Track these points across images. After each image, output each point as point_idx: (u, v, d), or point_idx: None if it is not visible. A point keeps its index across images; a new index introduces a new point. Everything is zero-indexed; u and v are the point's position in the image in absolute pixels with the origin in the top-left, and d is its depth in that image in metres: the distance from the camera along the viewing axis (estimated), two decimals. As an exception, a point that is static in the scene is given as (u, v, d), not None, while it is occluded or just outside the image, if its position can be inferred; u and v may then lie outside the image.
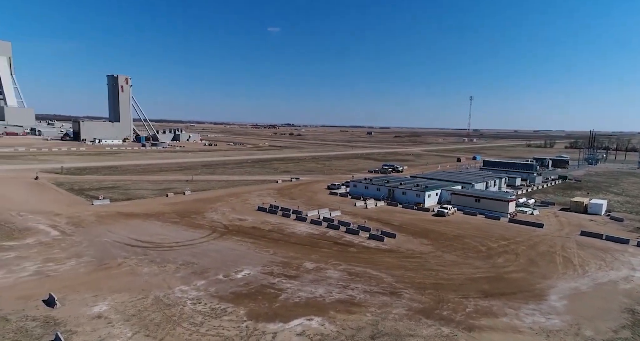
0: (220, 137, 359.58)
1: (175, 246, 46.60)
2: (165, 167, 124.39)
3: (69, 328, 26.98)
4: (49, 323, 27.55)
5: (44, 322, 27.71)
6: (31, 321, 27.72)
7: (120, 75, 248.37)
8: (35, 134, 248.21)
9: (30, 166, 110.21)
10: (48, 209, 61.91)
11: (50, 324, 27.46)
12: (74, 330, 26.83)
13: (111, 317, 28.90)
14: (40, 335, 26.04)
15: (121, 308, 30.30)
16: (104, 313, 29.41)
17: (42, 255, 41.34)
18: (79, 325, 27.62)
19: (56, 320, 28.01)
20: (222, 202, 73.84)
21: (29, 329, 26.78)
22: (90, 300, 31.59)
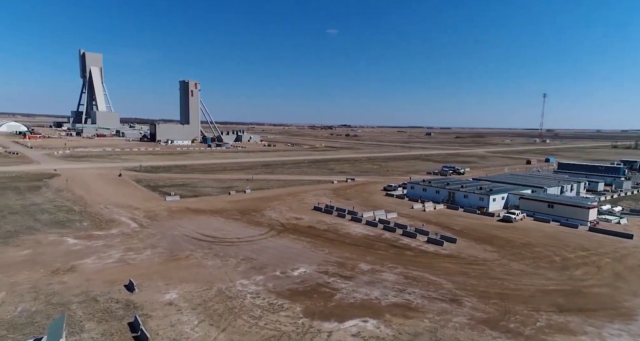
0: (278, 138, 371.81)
1: (237, 242, 49.09)
2: (228, 166, 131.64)
3: (145, 312, 29.74)
4: (129, 306, 30.63)
5: (124, 305, 30.87)
6: (115, 303, 31.05)
7: (191, 80, 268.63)
8: (120, 135, 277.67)
9: (115, 164, 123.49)
10: (129, 203, 68.79)
11: (130, 307, 30.52)
12: (149, 314, 29.52)
13: (180, 305, 31.31)
14: (122, 316, 29.04)
15: (189, 297, 32.69)
16: (174, 301, 31.95)
17: (124, 245, 46.05)
18: (153, 310, 30.33)
19: (135, 304, 31.05)
20: (280, 201, 76.21)
21: (113, 310, 30.02)
22: (163, 287, 34.51)
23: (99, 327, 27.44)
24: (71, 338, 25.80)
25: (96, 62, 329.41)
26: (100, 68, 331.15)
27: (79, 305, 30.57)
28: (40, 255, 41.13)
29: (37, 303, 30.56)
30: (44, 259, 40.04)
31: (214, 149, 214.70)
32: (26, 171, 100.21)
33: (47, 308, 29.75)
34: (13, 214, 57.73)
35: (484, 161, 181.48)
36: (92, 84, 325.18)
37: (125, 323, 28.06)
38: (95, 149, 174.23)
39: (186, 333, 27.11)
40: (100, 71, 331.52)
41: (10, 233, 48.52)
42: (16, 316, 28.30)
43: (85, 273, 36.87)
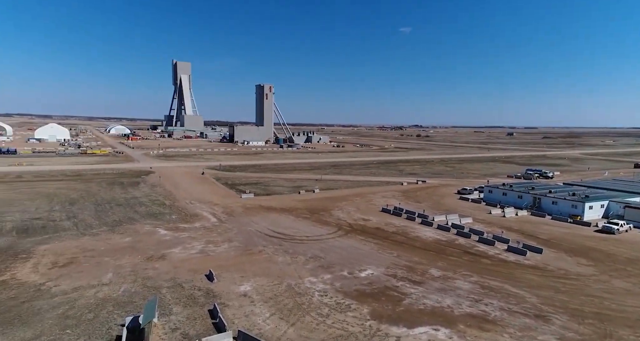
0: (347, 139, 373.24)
1: (306, 240, 50.44)
2: (298, 166, 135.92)
3: (222, 301, 32.10)
4: (209, 295, 33.34)
5: (205, 293, 33.68)
6: (197, 291, 34.05)
7: (266, 84, 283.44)
8: (203, 137, 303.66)
9: (198, 163, 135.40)
10: (209, 199, 74.87)
11: (210, 295, 33.21)
12: (226, 304, 31.79)
13: (253, 297, 33.18)
14: (203, 303, 31.74)
15: (261, 291, 34.48)
16: (248, 293, 33.96)
17: (205, 237, 50.26)
18: (230, 300, 32.61)
19: (214, 293, 33.70)
20: (348, 201, 76.44)
21: (196, 297, 32.95)
22: (238, 279, 36.90)
23: (184, 311, 30.33)
24: (162, 318, 28.90)
25: (185, 70, 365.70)
26: (188, 75, 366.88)
27: (168, 289, 34.11)
28: (138, 243, 46.80)
29: (136, 285, 34.82)
30: (141, 246, 45.47)
31: (286, 149, 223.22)
32: (129, 169, 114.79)
33: (143, 290, 33.73)
34: (118, 206, 66.53)
35: (578, 164, 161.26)
36: (182, 90, 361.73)
37: (206, 309, 30.61)
38: (183, 149, 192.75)
39: (258, 324, 28.63)
40: (189, 78, 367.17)
41: (116, 222, 56.00)
42: (120, 295, 32.59)
43: (173, 261, 41.00)
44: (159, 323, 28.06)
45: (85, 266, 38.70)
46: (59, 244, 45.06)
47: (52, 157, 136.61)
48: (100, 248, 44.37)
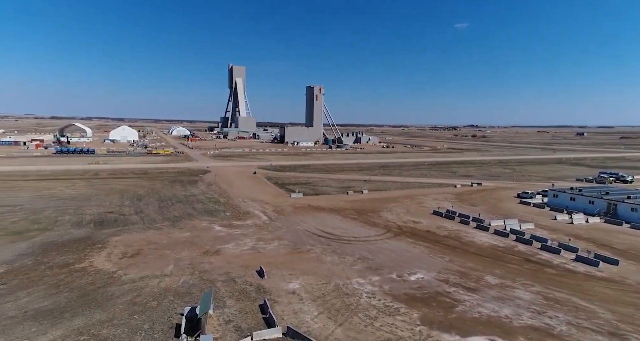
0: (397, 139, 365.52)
1: (353, 241, 50.24)
2: (346, 167, 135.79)
3: (272, 297, 33.05)
4: (259, 290, 34.52)
5: (256, 288, 34.91)
6: (249, 286, 35.41)
7: (316, 85, 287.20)
8: (256, 138, 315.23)
9: (251, 163, 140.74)
10: (260, 198, 77.47)
11: (260, 291, 34.37)
12: (276, 300, 32.68)
13: (302, 295, 33.75)
14: (254, 298, 32.94)
15: (309, 289, 34.96)
16: (297, 291, 34.61)
17: (256, 235, 52.10)
18: (279, 296, 33.48)
19: (264, 289, 34.81)
20: (397, 203, 74.83)
21: (247, 291, 34.29)
22: (287, 277, 37.75)
23: (237, 305, 31.70)
24: (217, 310, 30.47)
25: (240, 73, 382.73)
26: (243, 79, 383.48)
27: (222, 283, 35.86)
28: (196, 238, 49.78)
29: (193, 277, 37.07)
30: (198, 241, 48.32)
31: (335, 150, 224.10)
32: (188, 168, 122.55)
33: (200, 283, 35.81)
34: (178, 202, 71.30)
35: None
36: (237, 93, 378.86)
37: (256, 304, 31.72)
38: (237, 149, 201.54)
39: (307, 322, 29.06)
40: (243, 81, 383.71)
41: (176, 217, 60.05)
42: (179, 286, 34.91)
43: (227, 257, 43.02)
44: (214, 315, 29.60)
45: (149, 257, 41.97)
46: (128, 236, 49.34)
47: (123, 157, 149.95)
48: (163, 241, 47.83)
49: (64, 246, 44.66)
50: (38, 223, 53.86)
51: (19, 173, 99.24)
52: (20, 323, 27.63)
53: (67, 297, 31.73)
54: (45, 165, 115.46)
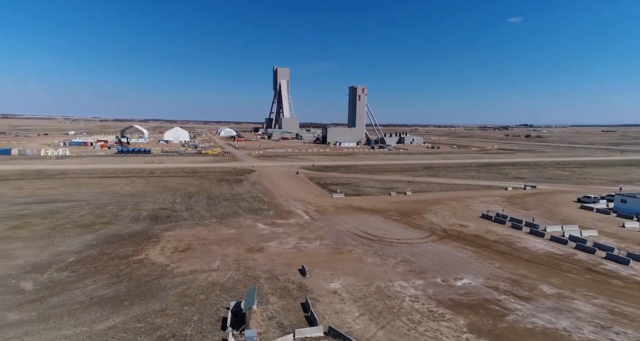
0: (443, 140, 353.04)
1: (396, 243, 49.30)
2: (389, 168, 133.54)
3: (313, 296, 33.39)
4: (301, 289, 35.02)
5: (298, 287, 35.46)
6: (291, 284, 36.05)
7: (359, 85, 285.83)
8: (298, 138, 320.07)
9: (293, 163, 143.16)
10: (303, 198, 78.51)
11: (302, 289, 34.86)
12: (317, 299, 32.97)
13: (343, 295, 33.74)
14: (296, 296, 33.48)
15: (351, 290, 34.86)
16: (338, 291, 34.66)
17: (298, 234, 52.90)
18: (320, 295, 33.74)
19: (306, 287, 35.26)
20: (442, 205, 72.30)
21: (289, 289, 34.94)
22: (329, 276, 37.93)
23: (279, 302, 32.42)
24: (260, 306, 31.37)
25: (284, 75, 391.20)
26: (287, 80, 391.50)
27: (266, 280, 36.83)
28: (241, 235, 51.59)
29: (238, 273, 38.46)
30: (243, 238, 50.04)
31: (377, 150, 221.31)
32: (234, 167, 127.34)
33: (245, 279, 37.07)
34: (225, 200, 74.31)
35: None
36: (281, 94, 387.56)
37: (298, 302, 32.21)
38: (280, 150, 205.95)
39: (348, 322, 29.01)
40: (287, 82, 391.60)
41: (223, 215, 62.63)
42: (226, 281, 36.39)
43: (270, 254, 44.11)
44: (258, 310, 30.51)
45: (198, 252, 44.17)
46: (180, 231, 52.28)
47: (176, 156, 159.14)
48: (211, 237, 50.11)
49: (124, 239, 48.31)
50: (102, 217, 58.72)
51: (87, 170, 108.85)
52: (87, 308, 30.31)
53: (126, 286, 34.30)
54: (108, 164, 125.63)
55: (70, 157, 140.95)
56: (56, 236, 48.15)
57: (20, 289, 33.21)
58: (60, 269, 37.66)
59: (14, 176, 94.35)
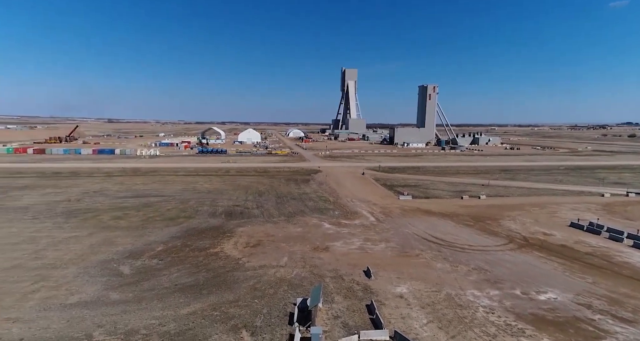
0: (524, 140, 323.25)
1: (468, 249, 46.34)
2: (461, 170, 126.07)
3: (378, 299, 32.88)
4: (366, 290, 34.72)
5: (363, 288, 35.21)
6: (356, 285, 35.95)
7: (430, 84, 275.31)
8: (365, 139, 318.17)
9: (359, 164, 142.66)
10: (368, 199, 77.78)
11: (367, 291, 34.55)
12: (382, 302, 32.40)
13: (410, 300, 32.68)
14: (361, 298, 33.30)
15: (418, 295, 33.62)
16: (404, 295, 33.67)
17: (363, 235, 52.54)
18: (386, 298, 33.11)
19: (371, 289, 34.87)
20: (522, 211, 66.16)
21: (354, 290, 34.87)
22: (394, 280, 37.04)
23: (344, 302, 32.53)
24: (326, 305, 31.81)
25: (352, 76, 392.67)
26: (355, 81, 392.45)
27: (331, 279, 37.22)
28: (307, 233, 52.86)
29: (305, 270, 39.44)
30: (309, 237, 51.20)
31: (448, 151, 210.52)
32: (302, 167, 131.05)
33: (310, 276, 37.89)
34: (293, 199, 76.80)
35: None
36: (348, 95, 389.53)
37: (363, 304, 31.98)
38: (346, 150, 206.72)
39: (415, 329, 28.02)
40: (355, 84, 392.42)
41: (291, 213, 64.78)
42: (292, 278, 37.59)
43: (335, 254, 44.47)
44: (323, 309, 30.96)
45: (268, 248, 46.26)
46: (251, 228, 55.31)
47: (248, 157, 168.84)
48: (279, 234, 52.16)
49: (203, 232, 52.57)
50: (184, 211, 64.60)
51: (173, 169, 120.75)
52: (172, 293, 33.60)
53: (204, 276, 37.28)
54: (190, 163, 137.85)
55: (160, 157, 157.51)
56: (147, 227, 54.16)
57: (120, 272, 38.00)
58: (150, 257, 42.28)
59: (116, 173, 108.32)
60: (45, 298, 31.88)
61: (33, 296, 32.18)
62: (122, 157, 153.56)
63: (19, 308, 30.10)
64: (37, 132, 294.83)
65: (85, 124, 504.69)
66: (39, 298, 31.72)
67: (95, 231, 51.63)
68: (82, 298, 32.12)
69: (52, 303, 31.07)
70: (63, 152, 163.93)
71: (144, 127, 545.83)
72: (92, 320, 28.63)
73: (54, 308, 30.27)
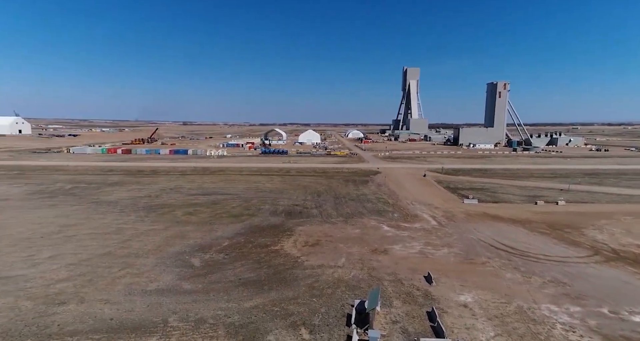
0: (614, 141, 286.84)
1: (543, 259, 42.33)
2: (535, 173, 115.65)
3: (440, 307, 31.44)
4: (427, 297, 33.42)
5: (424, 294, 33.95)
6: (416, 290, 34.79)
7: (500, 81, 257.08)
8: (427, 140, 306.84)
9: (420, 165, 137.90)
10: (430, 202, 74.82)
11: (428, 297, 33.24)
12: (445, 310, 30.93)
13: (475, 310, 30.75)
14: (421, 304, 32.14)
15: (484, 305, 31.51)
16: (469, 305, 31.77)
17: (424, 239, 50.65)
18: (448, 307, 31.55)
19: (432, 295, 33.49)
20: (611, 220, 58.73)
21: (414, 296, 33.77)
22: (458, 287, 35.14)
23: (403, 307, 31.66)
24: (384, 308, 31.25)
25: (414, 75, 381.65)
26: (417, 80, 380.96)
27: (389, 283, 36.47)
28: (365, 235, 52.41)
29: (362, 272, 39.14)
30: (367, 239, 50.71)
31: (520, 153, 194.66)
32: (360, 168, 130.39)
33: (368, 278, 37.49)
34: (351, 200, 76.71)
35: None
36: (409, 95, 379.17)
37: (424, 310, 30.83)
38: (407, 151, 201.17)
39: (480, 341, 26.34)
40: (417, 83, 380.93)
41: (349, 214, 64.75)
42: (350, 279, 37.53)
43: (394, 257, 43.46)
44: (381, 312, 30.44)
45: (325, 248, 46.73)
46: (309, 227, 56.34)
47: (308, 157, 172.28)
48: (337, 235, 52.41)
49: (264, 230, 54.79)
50: (248, 209, 67.90)
51: (238, 168, 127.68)
52: (236, 287, 35.52)
53: (265, 272, 38.82)
54: (254, 163, 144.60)
55: (227, 157, 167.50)
56: (215, 223, 57.87)
57: (191, 264, 41.12)
58: (217, 251, 45.12)
59: (189, 172, 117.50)
60: (129, 283, 35.64)
61: (120, 281, 36.17)
62: (194, 157, 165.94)
63: (109, 291, 34.03)
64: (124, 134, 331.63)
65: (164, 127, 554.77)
66: (124, 284, 35.56)
67: (170, 225, 56.47)
68: (160, 285, 35.32)
69: (135, 288, 34.62)
70: (145, 153, 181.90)
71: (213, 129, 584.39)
72: (167, 306, 31.35)
73: (136, 293, 33.70)
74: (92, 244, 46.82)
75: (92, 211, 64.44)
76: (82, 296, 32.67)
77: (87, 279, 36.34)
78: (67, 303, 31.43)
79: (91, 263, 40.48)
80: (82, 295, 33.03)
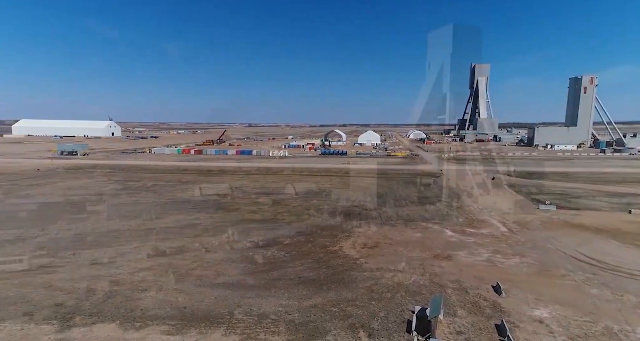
0: None
1: (638, 276, 37.09)
2: (629, 177, 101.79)
3: (511, 320, 29.11)
4: (495, 308, 31.16)
5: (492, 305, 31.71)
6: (483, 300, 32.63)
7: (585, 75, 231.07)
8: (496, 140, 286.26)
9: (489, 167, 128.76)
10: (498, 206, 69.65)
11: (496, 309, 30.98)
12: (516, 324, 28.57)
13: (553, 327, 27.96)
14: (489, 316, 30.05)
15: (564, 323, 28.52)
16: (545, 320, 28.98)
17: (492, 246, 47.29)
18: (520, 321, 29.09)
19: (502, 308, 31.14)
20: None
21: (481, 306, 31.69)
22: (532, 301, 32.24)
23: (468, 317, 29.90)
24: (447, 317, 29.80)
25: (483, 72, 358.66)
26: (486, 78, 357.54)
27: (453, 290, 34.68)
28: (427, 239, 50.46)
29: (424, 278, 37.72)
30: (429, 243, 48.77)
31: (609, 155, 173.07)
32: (422, 170, 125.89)
33: (430, 285, 36.02)
34: (412, 203, 74.35)
35: None
36: (478, 93, 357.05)
37: (492, 323, 28.81)
38: (473, 153, 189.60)
39: (558, 362, 23.88)
40: (486, 80, 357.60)
41: (409, 217, 62.83)
42: (410, 284, 36.40)
43: (459, 264, 41.22)
44: (444, 321, 29.07)
45: (385, 251, 45.89)
46: (368, 229, 55.76)
47: (367, 158, 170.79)
48: (397, 238, 51.18)
49: (324, 230, 55.45)
50: (308, 209, 69.27)
51: (298, 169, 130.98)
52: (296, 285, 36.44)
53: (324, 272, 39.27)
54: (314, 163, 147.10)
55: (288, 158, 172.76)
56: (277, 222, 59.98)
57: (255, 260, 43.10)
58: (279, 249, 46.71)
59: (253, 172, 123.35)
60: (200, 276, 38.43)
61: (192, 272, 39.17)
62: (258, 158, 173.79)
63: (183, 281, 37.05)
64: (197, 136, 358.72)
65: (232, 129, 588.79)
66: (196, 276, 38.43)
67: (236, 222, 59.75)
68: (226, 279, 37.56)
69: (205, 281, 37.24)
70: (214, 153, 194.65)
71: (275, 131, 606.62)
72: (233, 299, 33.22)
73: (206, 285, 36.23)
74: (168, 237, 51.38)
75: (169, 207, 70.68)
76: (161, 285, 35.98)
77: (164, 269, 39.95)
78: (148, 290, 34.84)
79: (168, 255, 44.42)
80: (160, 283, 36.39)
